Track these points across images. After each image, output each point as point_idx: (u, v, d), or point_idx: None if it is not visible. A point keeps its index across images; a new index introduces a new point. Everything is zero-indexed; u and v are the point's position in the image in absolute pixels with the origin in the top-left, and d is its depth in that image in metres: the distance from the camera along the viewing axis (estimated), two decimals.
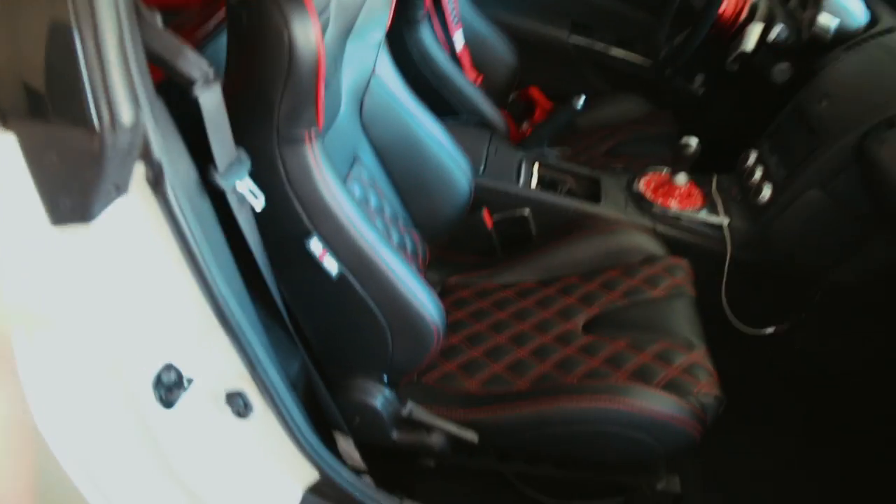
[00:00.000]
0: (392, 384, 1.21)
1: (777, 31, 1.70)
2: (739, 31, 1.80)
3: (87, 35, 0.63)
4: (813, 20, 1.66)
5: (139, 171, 0.76)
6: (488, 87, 2.11)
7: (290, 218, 1.03)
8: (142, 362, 0.84)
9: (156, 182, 0.76)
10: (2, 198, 0.71)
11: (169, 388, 0.86)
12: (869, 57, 1.56)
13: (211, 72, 0.84)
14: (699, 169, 1.71)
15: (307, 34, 0.89)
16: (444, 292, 1.53)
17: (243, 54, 0.95)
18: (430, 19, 1.85)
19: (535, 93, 2.29)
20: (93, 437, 0.84)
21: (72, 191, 0.70)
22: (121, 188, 0.73)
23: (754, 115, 1.82)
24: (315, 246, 1.04)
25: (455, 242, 1.60)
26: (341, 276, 1.06)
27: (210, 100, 0.84)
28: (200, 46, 1.17)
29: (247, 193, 0.92)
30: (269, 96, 0.94)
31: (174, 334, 0.87)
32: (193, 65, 0.81)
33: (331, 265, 1.05)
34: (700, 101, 2.20)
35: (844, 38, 1.64)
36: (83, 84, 0.64)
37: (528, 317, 1.41)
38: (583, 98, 1.71)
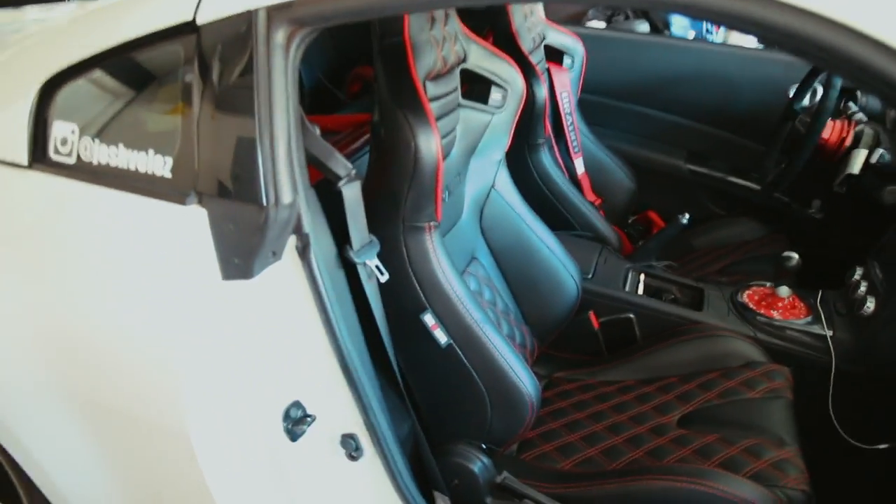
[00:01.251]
0: (490, 452, 1.34)
1: (879, 154, 1.78)
2: (846, 157, 1.88)
3: (265, 141, 0.89)
4: None
5: (291, 242, 0.99)
6: (608, 210, 2.30)
7: (409, 294, 1.23)
8: (275, 396, 1.03)
9: (303, 251, 0.99)
10: (193, 255, 0.96)
11: (295, 421, 1.05)
12: None
13: (353, 172, 1.09)
14: (806, 286, 1.77)
15: (429, 144, 1.13)
16: (550, 385, 1.65)
17: (380, 161, 1.20)
18: (550, 145, 2.08)
19: (652, 215, 2.45)
20: (231, 452, 1.04)
21: (241, 253, 0.94)
22: (277, 254, 0.97)
23: (863, 235, 1.87)
24: (428, 319, 1.23)
25: (563, 341, 1.74)
26: (449, 346, 1.24)
27: (351, 193, 1.08)
28: (350, 157, 1.45)
29: (374, 270, 1.14)
30: (398, 193, 1.17)
31: (304, 376, 1.07)
32: (340, 165, 1.06)
33: (440, 336, 1.24)
34: (817, 225, 2.26)
35: None
36: (258, 173, 0.90)
37: (625, 409, 1.51)
38: (688, 215, 1.85)
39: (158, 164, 0.98)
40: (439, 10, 1.26)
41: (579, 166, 2.26)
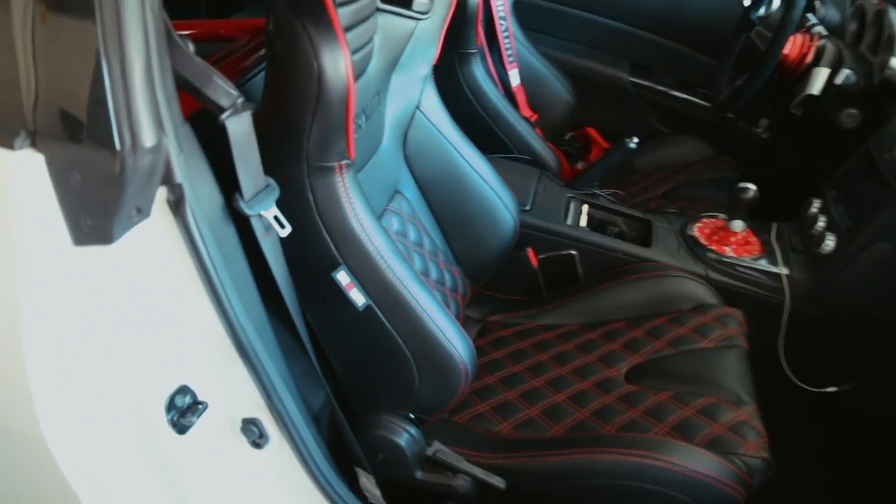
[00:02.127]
0: (419, 422, 1.17)
1: (845, 75, 1.62)
2: (805, 74, 1.72)
3: (113, 60, 0.63)
4: (885, 65, 1.58)
5: (162, 195, 0.76)
6: (544, 126, 2.09)
7: (318, 248, 1.01)
8: (155, 383, 0.82)
9: (176, 205, 0.76)
10: (28, 217, 0.71)
11: (182, 411, 0.84)
12: None
13: (240, 100, 0.84)
14: (758, 216, 1.64)
15: (337, 65, 0.88)
16: (484, 330, 1.49)
17: (276, 83, 0.96)
18: (483, 55, 1.84)
19: (591, 133, 2.26)
20: (103, 456, 0.83)
21: (93, 211, 0.70)
22: (143, 211, 0.73)
23: (819, 162, 1.74)
24: (342, 277, 1.02)
25: (498, 280, 1.57)
26: (368, 308, 1.04)
27: (238, 127, 0.84)
28: (242, 78, 1.18)
29: (272, 221, 0.91)
30: (300, 125, 0.93)
31: (190, 357, 0.86)
32: (222, 92, 0.81)
33: (357, 297, 1.03)
34: (764, 147, 2.12)
35: None
36: (107, 107, 0.64)
37: (568, 361, 1.35)
38: (636, 139, 1.66)
39: None
40: None
41: (514, 78, 2.03)
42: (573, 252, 1.55)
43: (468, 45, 1.73)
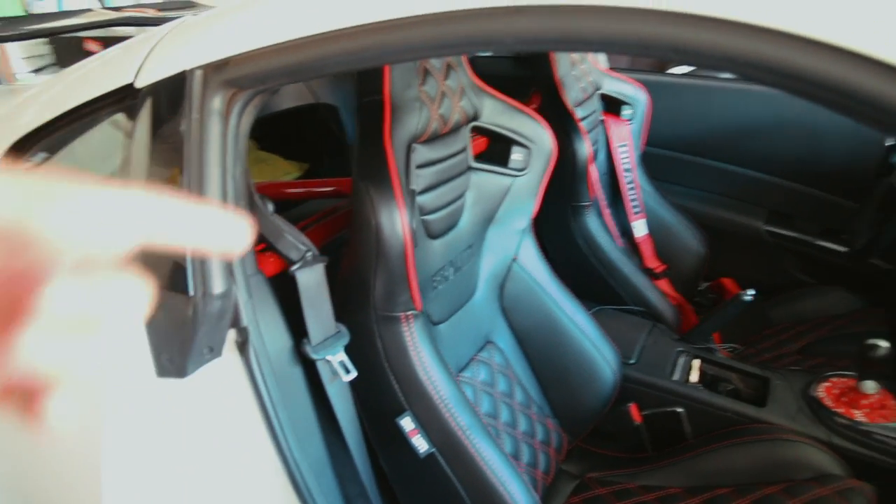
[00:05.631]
0: None
1: None
2: None
3: None
4: None
5: (231, 337, 0.85)
6: (675, 278, 2.05)
7: (385, 393, 1.06)
8: None
9: (242, 346, 0.85)
10: (123, 348, 0.83)
11: None
12: None
13: (309, 254, 0.94)
14: None
15: (392, 223, 0.96)
16: (580, 487, 1.42)
17: (352, 239, 1.05)
18: (598, 207, 1.87)
19: (726, 283, 2.17)
20: None
21: (171, 348, 0.81)
22: (214, 350, 0.83)
23: None
24: (406, 423, 1.05)
25: (600, 435, 1.51)
26: (430, 455, 1.06)
27: (308, 278, 0.94)
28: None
29: (337, 366, 0.98)
30: (366, 277, 1.01)
31: (247, 492, 0.92)
32: (292, 247, 0.92)
33: (420, 444, 1.05)
34: None
35: None
36: (185, 259, 0.77)
37: None
38: (752, 291, 1.59)
39: None
40: (434, 61, 1.11)
41: (639, 229, 2.03)
42: (679, 409, 1.47)
43: (580, 198, 1.78)
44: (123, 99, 0.91)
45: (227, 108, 0.82)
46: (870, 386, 1.41)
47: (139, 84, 0.88)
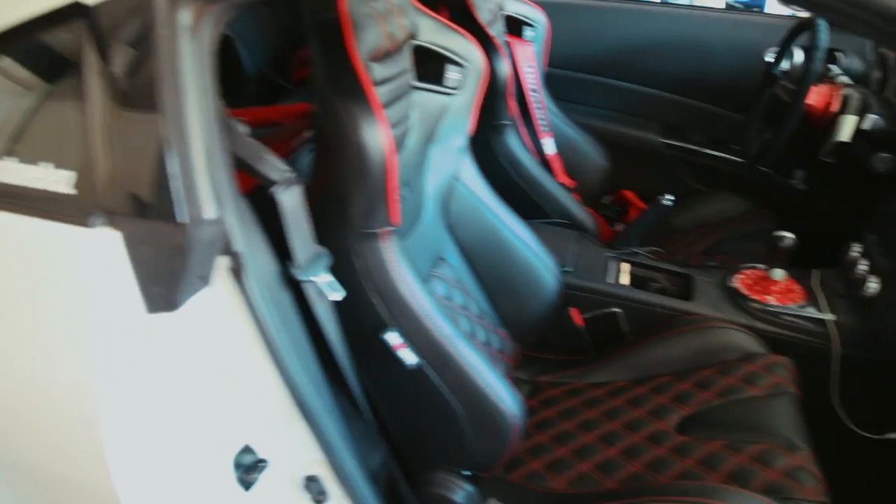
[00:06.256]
0: (473, 479, 1.20)
1: (872, 119, 1.66)
2: (832, 123, 1.75)
3: (176, 145, 0.72)
4: None
5: (222, 264, 0.83)
6: (581, 192, 2.15)
7: (368, 311, 1.07)
8: (222, 443, 0.88)
9: (236, 273, 0.83)
10: (107, 287, 0.79)
11: (247, 469, 0.89)
12: None
13: (291, 175, 0.92)
14: (799, 266, 1.65)
15: (375, 137, 0.96)
16: (534, 391, 1.51)
17: (323, 159, 1.04)
18: (516, 126, 1.92)
19: (628, 195, 2.31)
20: None
21: (162, 280, 0.78)
22: (205, 279, 0.80)
23: (856, 208, 1.75)
24: (392, 338, 1.07)
25: (546, 341, 1.60)
26: (418, 367, 1.09)
27: (289, 199, 0.92)
28: (292, 153, 1.28)
29: (324, 287, 0.97)
30: (345, 196, 1.01)
31: (253, 417, 0.91)
32: (273, 167, 0.90)
33: (408, 356, 1.08)
34: (801, 198, 2.14)
35: None
36: (172, 185, 0.73)
37: (618, 416, 1.37)
38: (670, 196, 1.71)
39: (56, 179, 0.81)
40: None
41: (549, 146, 2.11)
42: (616, 310, 1.58)
43: (500, 116, 1.82)
44: (69, 16, 0.84)
45: (196, 23, 0.78)
46: (778, 273, 1.57)
47: (92, 0, 0.81)
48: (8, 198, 0.82)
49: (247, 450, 0.90)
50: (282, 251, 0.93)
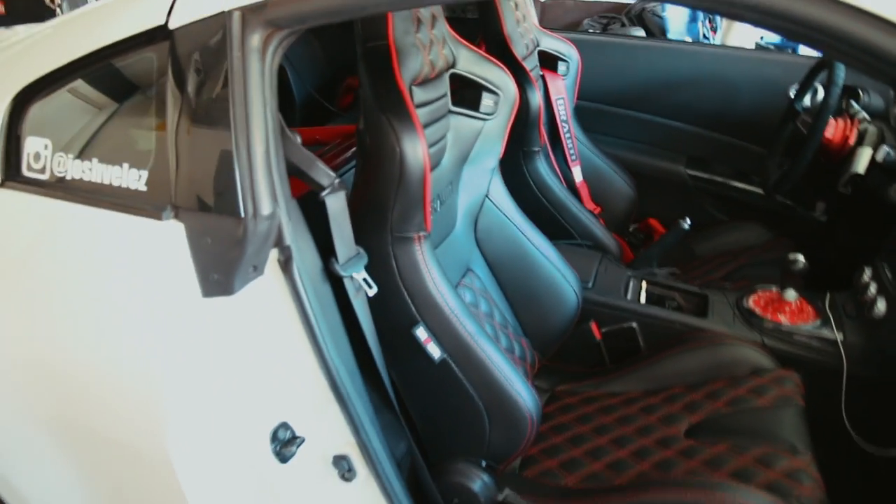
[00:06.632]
0: (490, 470, 1.28)
1: (885, 152, 1.73)
2: (850, 156, 1.83)
3: (241, 147, 0.85)
4: None
5: (273, 256, 0.95)
6: (608, 219, 2.25)
7: (400, 307, 1.18)
8: (262, 417, 0.98)
9: (285, 265, 0.95)
10: (171, 272, 0.91)
11: (284, 443, 0.99)
12: None
13: (337, 182, 1.04)
14: (812, 289, 1.72)
15: (415, 150, 1.08)
16: (552, 399, 1.60)
17: (366, 169, 1.16)
18: (546, 153, 2.04)
19: (653, 223, 2.40)
20: (219, 478, 0.99)
21: (220, 268, 0.90)
22: (258, 269, 0.92)
23: (870, 235, 1.82)
24: (420, 333, 1.18)
25: (565, 353, 1.69)
26: (443, 361, 1.19)
27: (335, 203, 1.04)
28: (339, 168, 1.40)
29: (362, 283, 1.09)
30: (385, 202, 1.13)
31: (292, 396, 1.02)
32: (323, 174, 1.02)
33: (434, 351, 1.18)
34: (822, 229, 2.21)
35: None
36: (235, 183, 0.85)
37: (631, 422, 1.45)
38: (688, 220, 1.80)
39: (133, 178, 0.95)
40: (424, 10, 1.22)
41: (577, 174, 2.22)
42: (633, 325, 1.67)
43: (532, 143, 1.94)
44: (153, 40, 0.97)
45: (264, 47, 0.91)
46: (790, 294, 1.64)
47: (173, 25, 0.95)
48: (92, 194, 0.96)
49: (285, 426, 1.01)
50: (325, 250, 1.05)
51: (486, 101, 1.44)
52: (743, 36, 3.47)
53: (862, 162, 1.78)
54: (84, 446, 1.06)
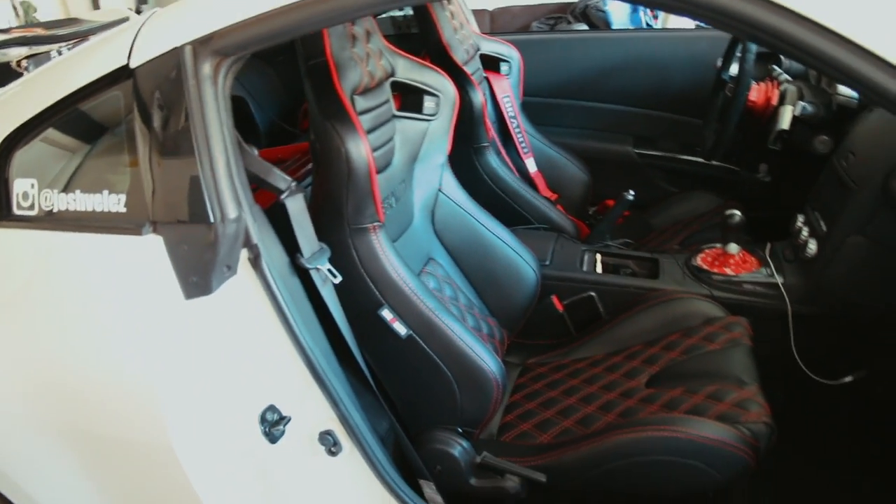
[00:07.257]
0: (467, 435, 1.40)
1: (801, 107, 1.87)
2: (775, 115, 1.97)
3: (205, 163, 0.96)
4: (836, 92, 1.83)
5: (244, 256, 1.06)
6: (566, 204, 2.37)
7: (364, 292, 1.30)
8: (250, 402, 1.09)
9: (255, 262, 1.06)
10: (155, 280, 1.03)
11: (272, 424, 1.10)
12: (887, 113, 1.70)
13: (294, 185, 1.16)
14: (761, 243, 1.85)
15: (358, 148, 1.20)
16: (524, 371, 1.71)
17: (319, 172, 1.28)
18: (496, 147, 2.16)
19: (610, 204, 2.52)
20: (216, 461, 1.10)
21: (197, 271, 1.01)
22: (231, 268, 1.04)
23: (806, 186, 1.95)
24: (386, 313, 1.30)
25: (532, 328, 1.81)
26: (409, 337, 1.31)
27: (294, 204, 1.15)
28: (302, 179, 1.52)
29: (327, 273, 1.21)
30: (338, 198, 1.25)
31: (275, 381, 1.13)
32: (280, 180, 1.13)
33: (400, 328, 1.30)
34: (767, 189, 2.34)
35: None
36: (203, 193, 0.97)
37: (596, 381, 1.57)
38: (632, 192, 1.93)
39: (113, 202, 1.05)
40: (358, 27, 1.34)
41: (531, 165, 2.35)
42: (592, 294, 1.79)
43: (480, 140, 2.06)
44: (118, 79, 1.08)
45: (214, 73, 1.03)
46: (732, 248, 1.78)
47: (134, 64, 1.06)
48: (77, 221, 1.07)
49: (271, 408, 1.12)
50: (292, 249, 1.16)
51: (428, 103, 1.56)
52: (682, 19, 3.63)
53: (785, 119, 1.92)
54: (93, 448, 1.16)
